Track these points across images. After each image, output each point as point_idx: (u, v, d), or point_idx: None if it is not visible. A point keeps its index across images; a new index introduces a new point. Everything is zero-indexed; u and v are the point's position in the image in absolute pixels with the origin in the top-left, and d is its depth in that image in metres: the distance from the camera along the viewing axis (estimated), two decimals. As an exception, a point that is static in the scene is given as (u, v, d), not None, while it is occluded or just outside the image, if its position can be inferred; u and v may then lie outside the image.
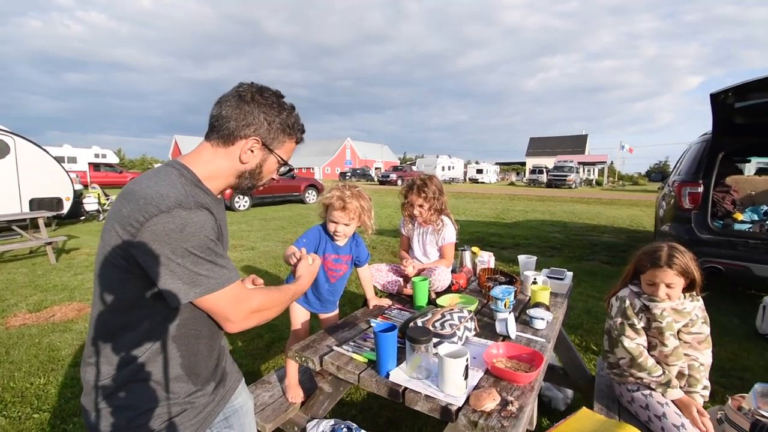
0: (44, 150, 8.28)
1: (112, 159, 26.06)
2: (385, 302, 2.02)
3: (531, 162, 51.31)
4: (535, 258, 2.36)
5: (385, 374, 1.29)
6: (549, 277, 2.21)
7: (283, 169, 1.12)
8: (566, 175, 30.68)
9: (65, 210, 8.60)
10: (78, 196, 9.31)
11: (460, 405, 1.13)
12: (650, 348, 1.67)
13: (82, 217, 9.81)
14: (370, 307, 1.97)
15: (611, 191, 27.94)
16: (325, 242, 1.84)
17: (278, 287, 1.11)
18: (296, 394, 1.82)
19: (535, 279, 2.08)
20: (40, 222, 6.00)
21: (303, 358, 1.47)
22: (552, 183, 30.98)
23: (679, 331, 1.67)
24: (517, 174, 56.94)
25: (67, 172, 8.64)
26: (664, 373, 1.59)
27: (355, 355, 1.43)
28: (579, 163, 38.00)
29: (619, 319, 1.71)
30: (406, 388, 1.22)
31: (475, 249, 2.60)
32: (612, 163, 45.78)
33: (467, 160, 62.27)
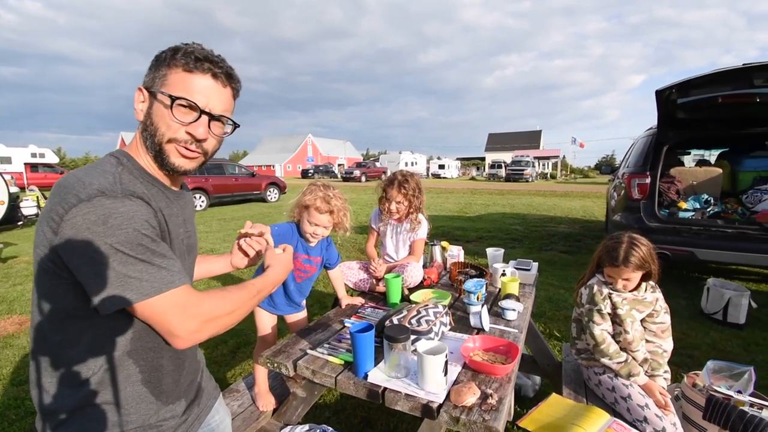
0: (-28, 150, 7.55)
1: (52, 158, 24.21)
2: (358, 301, 1.98)
3: (490, 157, 52.75)
4: (502, 251, 2.40)
5: (363, 375, 1.25)
6: (516, 268, 2.26)
7: (181, 102, 0.82)
8: (523, 169, 31.82)
9: (0, 215, 7.88)
10: (14, 200, 8.56)
11: (441, 402, 1.12)
12: (616, 335, 1.74)
13: (20, 222, 9.03)
14: (343, 307, 1.93)
15: (565, 184, 29.32)
16: (296, 241, 1.77)
17: (239, 285, 0.92)
18: (267, 402, 1.75)
19: (504, 271, 2.12)
20: (-30, 229, 5.46)
21: (275, 364, 1.41)
22: (510, 177, 32.01)
23: (643, 320, 1.76)
24: (478, 169, 58.37)
25: (0, 173, 7.92)
26: (626, 360, 1.66)
27: (330, 358, 1.38)
28: (535, 157, 39.50)
29: (588, 306, 1.78)
30: (385, 389, 1.19)
31: (444, 243, 2.62)
32: (564, 157, 48.02)
33: (429, 155, 63.09)
